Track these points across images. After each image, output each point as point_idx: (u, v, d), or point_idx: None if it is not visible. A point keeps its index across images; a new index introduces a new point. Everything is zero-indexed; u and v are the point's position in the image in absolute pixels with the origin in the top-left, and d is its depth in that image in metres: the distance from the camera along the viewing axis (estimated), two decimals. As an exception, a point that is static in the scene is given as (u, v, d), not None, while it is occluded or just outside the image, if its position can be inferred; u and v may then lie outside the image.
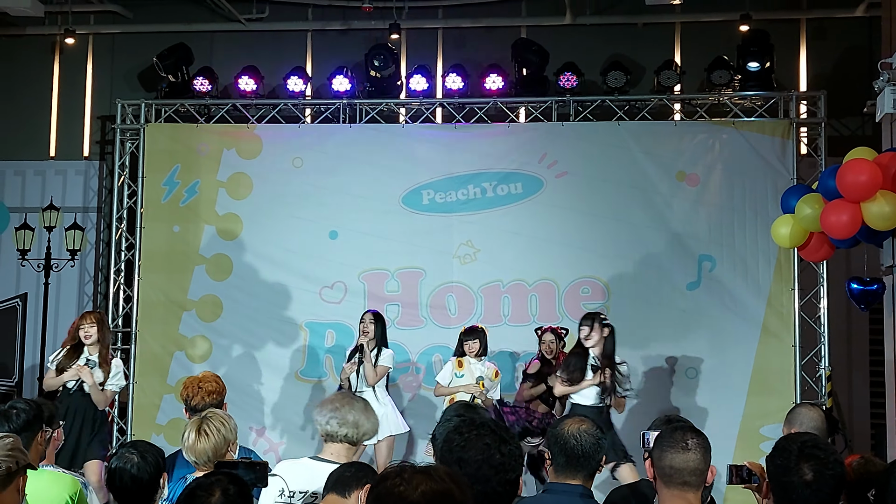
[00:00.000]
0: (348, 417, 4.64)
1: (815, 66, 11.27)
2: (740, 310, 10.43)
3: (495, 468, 3.15)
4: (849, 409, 10.79)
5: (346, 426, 4.63)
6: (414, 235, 10.84)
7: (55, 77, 12.25)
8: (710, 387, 10.39)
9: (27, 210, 11.68)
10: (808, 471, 3.18)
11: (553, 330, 9.45)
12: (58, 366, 8.20)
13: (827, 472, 3.19)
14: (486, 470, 3.14)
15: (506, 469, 3.17)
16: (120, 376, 8.30)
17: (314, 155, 11.03)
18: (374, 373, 8.91)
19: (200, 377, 6.12)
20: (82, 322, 8.25)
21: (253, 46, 11.81)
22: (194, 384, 6.02)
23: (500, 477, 3.15)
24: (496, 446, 3.18)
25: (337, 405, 4.70)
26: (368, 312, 9.31)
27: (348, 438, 4.64)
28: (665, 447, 3.65)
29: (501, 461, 3.17)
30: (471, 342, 8.94)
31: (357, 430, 4.64)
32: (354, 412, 4.66)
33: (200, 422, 4.67)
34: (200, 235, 11.08)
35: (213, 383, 6.02)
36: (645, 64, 11.19)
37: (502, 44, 11.19)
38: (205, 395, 5.89)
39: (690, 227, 10.59)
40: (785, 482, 3.21)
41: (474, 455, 3.16)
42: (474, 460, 3.15)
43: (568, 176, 10.74)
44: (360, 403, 4.77)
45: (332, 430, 4.64)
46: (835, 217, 7.69)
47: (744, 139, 10.55)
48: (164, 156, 11.19)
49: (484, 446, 3.18)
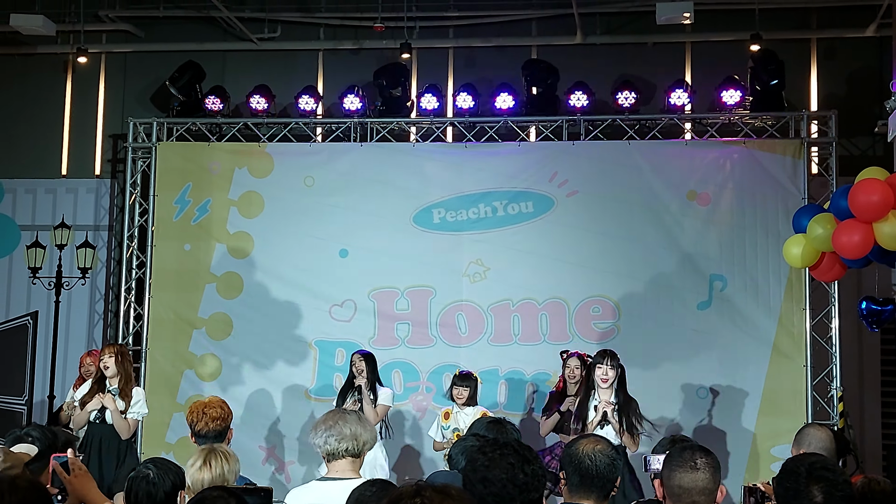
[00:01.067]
0: (345, 431, 4.64)
1: (826, 86, 11.26)
2: (751, 329, 10.39)
3: (519, 487, 3.17)
4: (860, 429, 10.73)
5: (346, 440, 4.63)
6: (424, 254, 10.84)
7: (67, 96, 12.32)
8: (721, 407, 10.34)
9: (38, 228, 11.72)
10: (818, 493, 3.16)
11: (579, 356, 9.12)
12: (82, 399, 8.21)
13: (837, 494, 3.17)
14: (510, 489, 3.17)
15: (529, 489, 3.19)
16: (141, 404, 8.26)
17: (325, 173, 11.06)
18: (375, 413, 8.70)
19: (206, 402, 6.08)
20: (102, 354, 8.29)
21: (264, 66, 11.87)
22: (199, 409, 5.98)
23: (523, 496, 3.18)
24: (520, 466, 3.21)
25: (330, 423, 4.69)
26: (357, 353, 9.08)
27: (350, 452, 4.64)
28: (674, 467, 3.64)
29: (525, 481, 3.19)
30: (461, 388, 8.67)
31: (356, 441, 4.64)
32: (350, 425, 4.66)
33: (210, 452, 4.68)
34: (211, 253, 11.10)
35: (218, 409, 5.97)
36: (655, 83, 11.20)
37: (513, 63, 11.22)
38: (209, 421, 5.85)
39: (701, 246, 10.57)
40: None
41: (498, 474, 3.18)
42: (498, 479, 3.17)
43: (578, 195, 10.74)
44: (353, 415, 4.77)
45: (332, 447, 4.64)
46: (847, 237, 7.66)
47: (755, 158, 10.54)
48: (176, 174, 11.23)
49: (508, 465, 3.20)
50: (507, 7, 11.62)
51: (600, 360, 8.15)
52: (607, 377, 8.04)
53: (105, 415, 8.11)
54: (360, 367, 8.88)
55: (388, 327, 10.74)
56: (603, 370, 8.07)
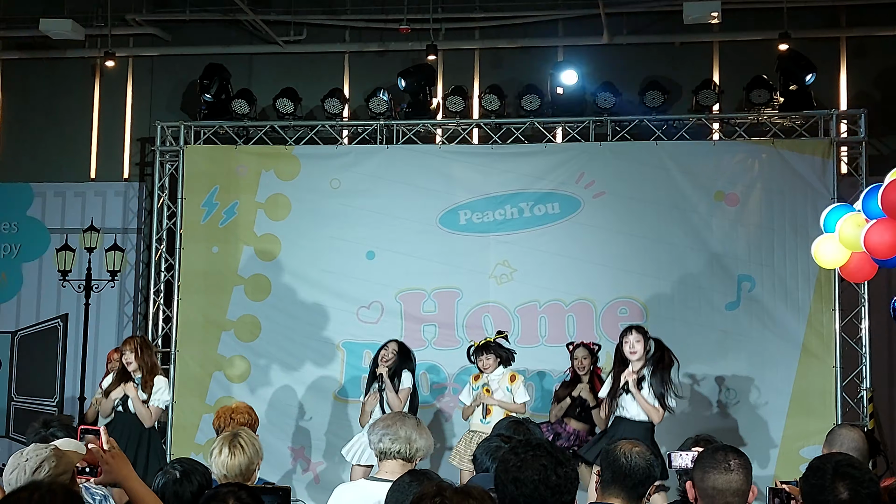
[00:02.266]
0: (400, 433, 4.71)
1: (856, 85, 11.18)
2: (780, 330, 10.34)
3: (552, 489, 3.18)
4: (891, 430, 10.65)
5: (399, 442, 4.70)
6: (451, 255, 10.85)
7: (95, 99, 12.40)
8: (750, 408, 10.30)
9: (68, 231, 11.79)
10: (844, 489, 3.16)
11: (585, 345, 9.32)
12: (106, 389, 8.34)
13: (863, 492, 3.17)
14: (542, 490, 3.17)
15: (561, 491, 3.19)
16: (163, 391, 8.33)
17: (351, 176, 11.08)
18: (398, 400, 8.79)
19: (234, 408, 6.16)
20: (123, 349, 8.39)
21: (291, 68, 11.90)
22: (226, 414, 6.06)
23: (556, 498, 3.18)
24: (552, 468, 3.21)
25: (389, 422, 4.79)
26: (392, 340, 9.26)
27: (402, 455, 4.70)
28: (707, 468, 3.63)
29: (557, 482, 3.19)
30: (483, 359, 8.86)
31: (409, 445, 4.70)
32: (406, 428, 4.74)
33: (232, 438, 4.72)
34: (239, 256, 11.15)
35: (245, 415, 6.05)
36: (683, 83, 11.16)
37: (539, 64, 11.20)
38: (235, 427, 5.90)
39: (729, 247, 10.52)
40: (820, 501, 3.18)
41: (531, 475, 3.19)
42: (531, 480, 3.17)
43: (605, 196, 10.72)
44: (413, 420, 4.84)
45: (385, 447, 4.71)
46: (877, 236, 7.58)
47: (783, 159, 10.49)
48: (204, 177, 11.28)
49: (541, 467, 3.20)
50: (532, 8, 11.59)
51: (625, 335, 8.26)
52: (635, 350, 8.14)
53: (128, 403, 8.22)
54: (386, 354, 8.96)
55: (415, 329, 10.74)
56: (629, 344, 8.18)
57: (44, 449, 3.64)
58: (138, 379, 8.25)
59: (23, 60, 12.49)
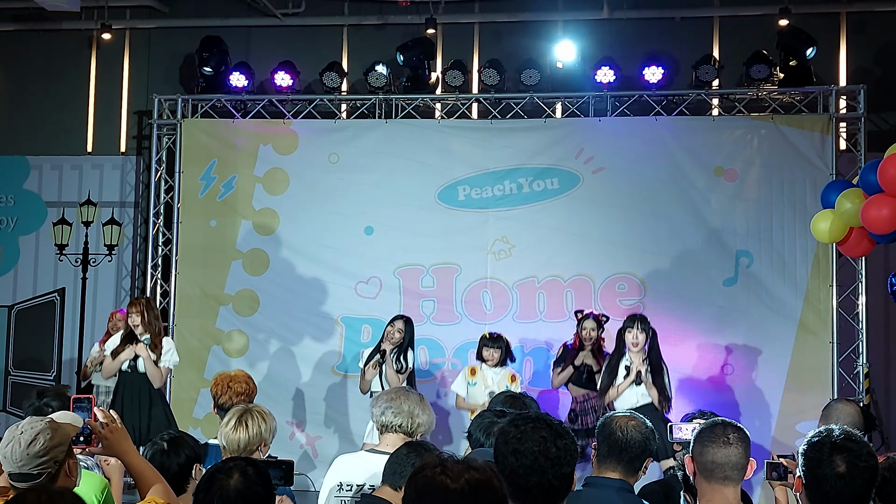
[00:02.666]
0: (403, 407, 4.75)
1: (855, 61, 11.16)
2: (777, 306, 10.37)
3: (551, 460, 3.19)
4: (886, 405, 10.71)
5: (401, 416, 4.74)
6: (449, 231, 10.84)
7: (92, 72, 12.34)
8: (747, 383, 10.34)
9: (65, 205, 11.76)
10: (841, 462, 3.18)
11: (595, 317, 9.34)
12: (113, 351, 8.42)
13: (860, 465, 3.19)
14: (542, 461, 3.18)
15: (561, 462, 3.20)
16: (172, 352, 8.52)
17: (350, 150, 11.05)
18: (397, 378, 8.82)
19: (232, 375, 6.13)
20: (129, 311, 8.48)
21: (289, 41, 11.84)
22: (224, 382, 6.04)
23: (555, 470, 3.19)
24: (552, 439, 3.22)
25: (392, 396, 4.84)
26: (399, 317, 9.25)
27: (403, 429, 4.74)
28: (706, 442, 3.67)
29: (557, 454, 3.20)
30: (493, 350, 8.89)
31: (412, 420, 4.74)
32: (409, 403, 4.78)
33: (244, 412, 4.73)
34: (237, 230, 11.14)
35: (243, 384, 6.03)
36: (683, 59, 11.11)
37: (539, 38, 11.16)
38: (233, 395, 5.91)
39: (728, 222, 10.53)
40: (818, 474, 3.21)
41: (531, 447, 3.20)
42: (531, 451, 3.19)
43: (605, 171, 10.71)
44: (416, 396, 4.88)
45: (387, 420, 4.76)
46: (876, 211, 7.63)
47: (782, 134, 10.48)
48: (201, 151, 11.25)
49: (540, 439, 3.22)
50: (532, -18, 11.55)
51: (630, 324, 8.43)
52: (637, 341, 8.32)
53: (137, 364, 8.34)
54: (392, 333, 8.95)
55: (414, 304, 10.75)
56: (633, 334, 8.36)
57: (39, 422, 3.63)
58: (146, 340, 8.37)
59: (18, 32, 12.39)
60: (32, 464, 3.55)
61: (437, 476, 2.56)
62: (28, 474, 3.54)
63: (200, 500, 3.27)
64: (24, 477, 3.54)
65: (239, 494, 3.23)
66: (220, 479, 3.25)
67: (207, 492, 3.25)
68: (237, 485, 3.24)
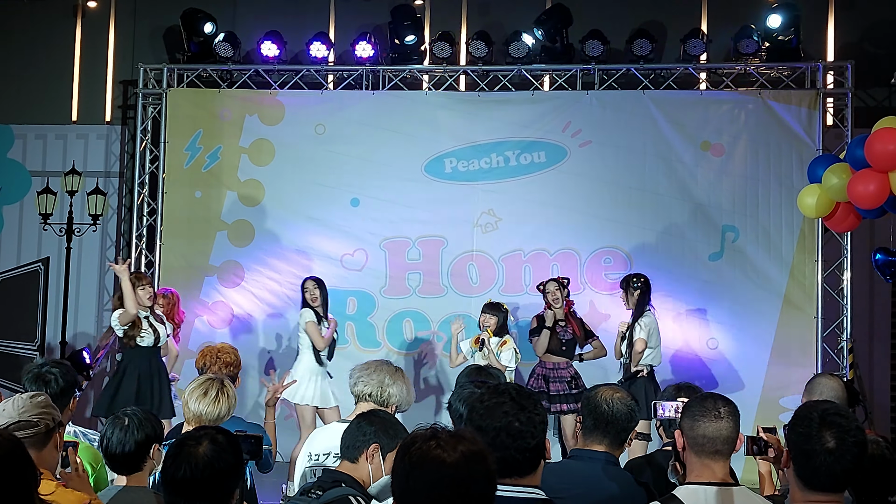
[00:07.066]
0: (374, 377, 4.84)
1: (843, 37, 11.13)
2: (762, 281, 10.41)
3: (513, 436, 3.14)
4: (870, 381, 10.75)
5: (371, 385, 4.83)
6: (436, 204, 10.81)
7: (77, 41, 12.20)
8: (731, 357, 10.37)
9: (49, 174, 11.66)
10: (830, 438, 3.15)
11: (554, 279, 9.33)
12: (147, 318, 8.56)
13: (849, 440, 3.16)
14: (503, 437, 3.13)
15: (524, 436, 3.15)
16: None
17: (336, 121, 10.99)
18: (321, 339, 9.01)
19: (219, 347, 6.13)
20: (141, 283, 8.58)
21: (276, 11, 11.71)
22: (212, 353, 6.03)
23: (517, 444, 3.14)
24: (514, 414, 3.17)
25: (366, 368, 4.93)
26: (310, 279, 9.25)
27: (373, 398, 4.82)
28: (697, 416, 3.60)
29: (520, 429, 3.15)
30: (489, 315, 8.85)
31: (381, 389, 4.82)
32: (381, 374, 4.85)
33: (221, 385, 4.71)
34: (222, 201, 11.08)
35: (231, 355, 6.04)
36: (671, 32, 11.08)
37: (527, 10, 11.09)
38: (222, 366, 5.91)
39: (714, 197, 10.55)
40: (806, 450, 3.18)
41: (492, 423, 3.16)
42: (492, 427, 3.14)
43: (592, 145, 10.69)
44: (391, 368, 4.94)
45: (359, 390, 4.87)
46: (862, 186, 7.63)
47: (770, 109, 10.48)
48: (187, 121, 11.17)
49: (502, 414, 3.17)
50: (521, -47, 11.46)
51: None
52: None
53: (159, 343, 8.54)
54: (314, 294, 9.04)
55: (400, 277, 10.74)
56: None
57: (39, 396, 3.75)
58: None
59: (2, 0, 12.25)
60: (35, 411, 3.62)
61: (433, 450, 2.52)
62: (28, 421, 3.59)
63: (168, 468, 3.17)
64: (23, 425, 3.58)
65: (208, 463, 3.14)
66: (188, 447, 3.17)
67: (175, 458, 3.16)
68: (206, 452, 3.15)
